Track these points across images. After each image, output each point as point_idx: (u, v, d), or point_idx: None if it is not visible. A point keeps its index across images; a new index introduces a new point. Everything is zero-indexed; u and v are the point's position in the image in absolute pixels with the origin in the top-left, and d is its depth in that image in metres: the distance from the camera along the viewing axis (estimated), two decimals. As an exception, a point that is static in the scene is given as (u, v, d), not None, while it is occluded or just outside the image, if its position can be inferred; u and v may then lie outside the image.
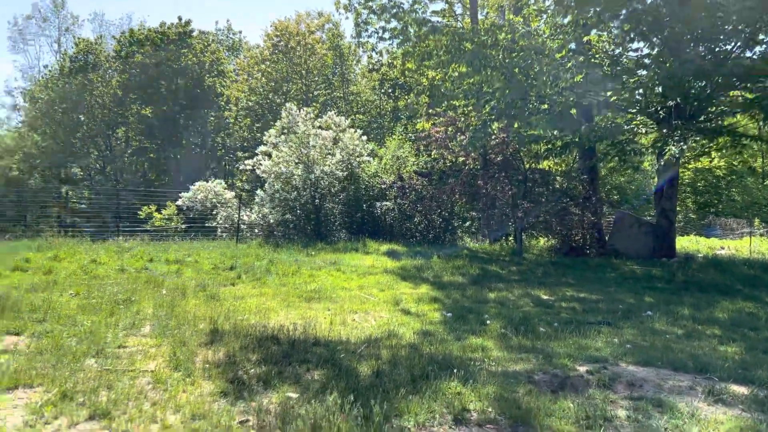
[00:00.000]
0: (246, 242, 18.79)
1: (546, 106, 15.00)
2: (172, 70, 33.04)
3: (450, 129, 17.55)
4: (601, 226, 19.13)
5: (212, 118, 34.07)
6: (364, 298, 9.61)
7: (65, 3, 41.41)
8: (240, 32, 46.91)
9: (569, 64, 13.33)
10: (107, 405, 4.40)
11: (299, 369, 5.49)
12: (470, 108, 17.24)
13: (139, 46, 33.28)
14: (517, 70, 13.65)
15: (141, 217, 22.95)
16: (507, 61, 13.74)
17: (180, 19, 35.02)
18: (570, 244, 17.86)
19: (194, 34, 35.44)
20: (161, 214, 22.78)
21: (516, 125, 15.64)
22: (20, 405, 4.45)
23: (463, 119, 16.45)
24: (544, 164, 19.00)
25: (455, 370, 5.41)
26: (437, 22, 14.91)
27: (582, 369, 5.85)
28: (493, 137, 16.53)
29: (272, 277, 11.45)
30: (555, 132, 15.45)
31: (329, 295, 9.64)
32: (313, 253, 15.30)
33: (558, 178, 18.35)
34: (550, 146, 16.51)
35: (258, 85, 36.68)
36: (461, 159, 25.26)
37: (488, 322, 7.96)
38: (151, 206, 22.98)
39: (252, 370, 5.37)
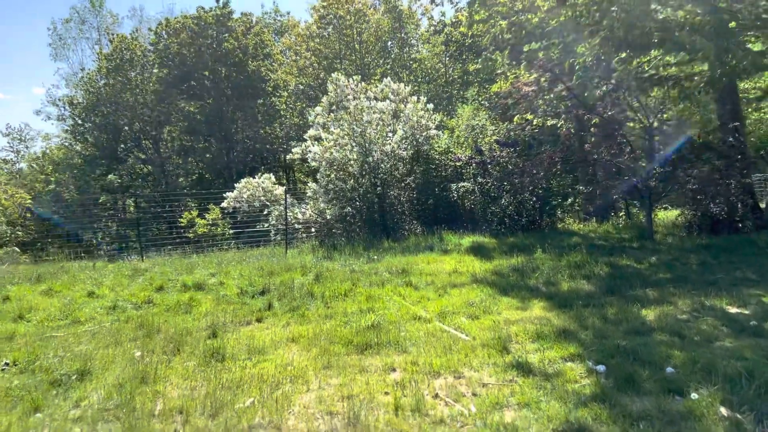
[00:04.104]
0: (297, 246, 15.91)
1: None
2: (213, 58, 30.67)
3: (544, 79, 13.66)
4: (753, 190, 14.86)
5: (261, 107, 31.52)
6: (451, 337, 6.27)
7: (103, 1, 39.76)
8: (288, 13, 44.26)
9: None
10: None
11: None
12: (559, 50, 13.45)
13: (176, 36, 31.11)
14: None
15: (183, 224, 20.62)
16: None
17: (218, 0, 32.61)
18: (712, 218, 13.71)
19: (234, 16, 32.94)
20: (205, 219, 20.34)
21: (634, 62, 11.74)
22: None
23: (559, 58, 12.55)
24: (667, 116, 14.82)
25: None
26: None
27: None
28: (600, 83, 12.64)
29: (315, 303, 8.33)
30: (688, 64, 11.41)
31: (395, 335, 6.37)
32: (376, 256, 12.13)
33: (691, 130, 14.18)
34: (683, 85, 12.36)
35: (307, 65, 33.79)
36: (550, 122, 21.36)
37: (688, 390, 4.42)
38: (192, 212, 20.59)
39: None
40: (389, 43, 34.76)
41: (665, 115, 13.20)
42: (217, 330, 7.10)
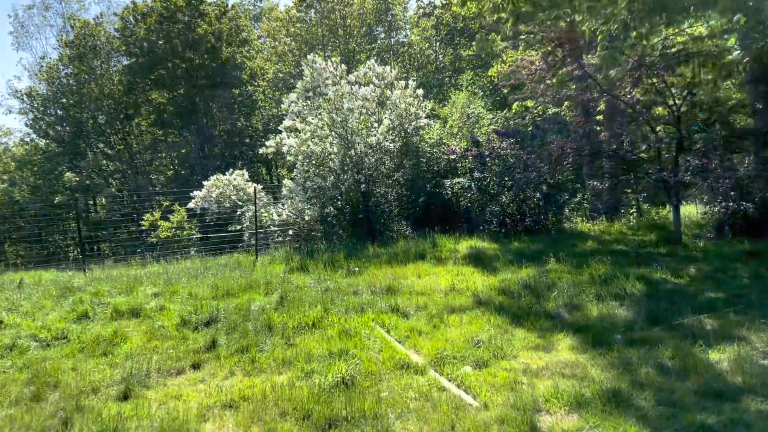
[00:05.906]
0: (270, 253, 14.06)
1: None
2: (184, 44, 28.59)
3: (559, 52, 11.80)
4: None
5: (238, 97, 29.51)
6: (452, 402, 4.48)
7: (68, -14, 37.49)
8: (269, -1, 42.19)
9: None
10: None
11: None
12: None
13: (143, 21, 29.00)
14: None
15: (145, 227, 18.72)
16: None
17: (189, -17, 30.51)
18: (749, 217, 11.94)
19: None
20: (170, 222, 18.42)
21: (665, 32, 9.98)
22: None
23: (581, 28, 10.71)
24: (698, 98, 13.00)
25: None
26: None
27: None
28: (623, 59, 10.86)
29: (273, 339, 6.51)
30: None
31: (373, 401, 4.57)
32: (357, 267, 10.30)
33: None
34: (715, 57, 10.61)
35: (287, 51, 31.77)
36: (552, 110, 19.60)
37: None
38: (155, 213, 18.65)
39: None
40: (375, 27, 32.81)
41: (695, 98, 11.42)
42: (132, 386, 5.28)
